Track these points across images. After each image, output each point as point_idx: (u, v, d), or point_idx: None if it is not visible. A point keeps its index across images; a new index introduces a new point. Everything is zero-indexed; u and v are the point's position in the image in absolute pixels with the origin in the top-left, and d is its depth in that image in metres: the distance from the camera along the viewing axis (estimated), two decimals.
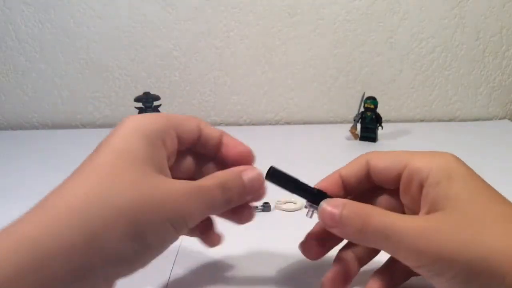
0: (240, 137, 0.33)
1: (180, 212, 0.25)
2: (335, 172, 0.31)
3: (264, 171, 0.30)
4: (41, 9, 0.71)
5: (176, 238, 0.26)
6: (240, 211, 0.30)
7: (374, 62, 0.75)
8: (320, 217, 0.28)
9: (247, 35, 0.73)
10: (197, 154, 0.32)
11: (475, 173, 0.27)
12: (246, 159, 0.31)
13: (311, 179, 0.31)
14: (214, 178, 0.28)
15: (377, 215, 0.26)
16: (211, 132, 0.31)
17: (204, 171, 0.32)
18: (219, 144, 0.32)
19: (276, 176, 0.29)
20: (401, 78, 0.76)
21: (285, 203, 0.45)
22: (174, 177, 0.27)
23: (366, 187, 0.31)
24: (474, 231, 0.23)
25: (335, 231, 0.27)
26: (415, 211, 0.28)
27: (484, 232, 0.23)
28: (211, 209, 0.27)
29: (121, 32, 0.72)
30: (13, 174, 0.57)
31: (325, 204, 0.28)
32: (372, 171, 0.30)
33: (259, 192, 0.30)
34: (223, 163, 0.32)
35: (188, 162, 0.32)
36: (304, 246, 0.31)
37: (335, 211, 0.27)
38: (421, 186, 0.27)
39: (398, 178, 0.29)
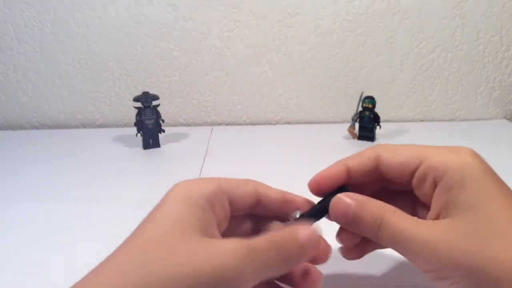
0: (240, 137, 0.33)
1: (225, 275, 0.22)
2: (340, 162, 0.30)
3: (265, 171, 0.30)
4: (41, 9, 0.71)
5: None
6: (305, 279, 0.28)
7: (374, 62, 0.75)
8: (331, 212, 0.28)
9: (247, 35, 0.73)
10: (259, 217, 0.31)
11: (491, 172, 0.26)
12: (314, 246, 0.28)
13: (310, 178, 0.31)
14: (267, 237, 0.25)
15: (391, 218, 0.26)
16: (271, 194, 0.30)
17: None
18: (281, 205, 0.30)
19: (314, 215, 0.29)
20: (401, 78, 0.76)
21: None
22: None
23: (370, 182, 0.30)
24: (478, 241, 0.23)
25: (349, 227, 0.28)
26: (426, 205, 0.28)
27: (487, 243, 0.23)
28: (266, 271, 0.24)
29: (121, 32, 0.72)
30: (13, 174, 0.57)
31: (335, 200, 0.28)
32: (384, 166, 0.29)
33: (317, 250, 0.27)
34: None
35: (246, 226, 0.31)
36: (343, 249, 0.31)
37: (348, 208, 0.27)
38: (434, 185, 0.27)
39: (412, 175, 0.28)
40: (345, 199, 0.28)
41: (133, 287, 0.21)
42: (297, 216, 0.29)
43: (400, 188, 0.30)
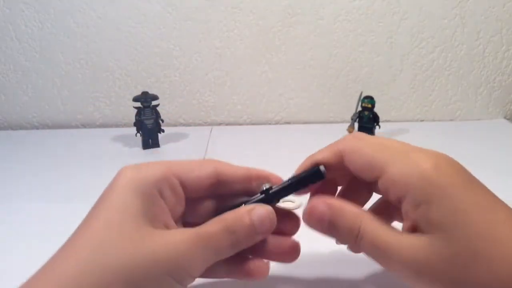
0: (240, 137, 0.33)
1: (179, 263, 0.24)
2: (309, 158, 0.30)
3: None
4: (41, 9, 0.71)
5: (192, 278, 0.25)
6: (253, 264, 0.28)
7: (374, 62, 0.75)
8: (305, 220, 0.28)
9: (247, 35, 0.73)
10: (224, 195, 0.30)
11: (459, 182, 0.24)
12: (267, 229, 0.29)
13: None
14: (219, 221, 0.26)
15: (368, 228, 0.25)
16: (233, 173, 0.29)
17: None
18: (246, 182, 0.30)
19: (274, 195, 0.29)
20: (401, 78, 0.76)
21: (284, 201, 0.45)
22: (192, 225, 0.27)
23: (342, 174, 0.29)
24: (459, 265, 0.22)
25: (326, 234, 0.27)
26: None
27: (469, 265, 0.22)
28: (216, 256, 0.26)
29: (121, 32, 0.72)
30: (13, 174, 0.57)
31: (310, 208, 0.27)
32: (348, 166, 0.28)
33: (270, 229, 0.27)
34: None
35: (208, 206, 0.30)
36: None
37: (322, 217, 0.27)
38: (399, 200, 0.25)
39: (374, 182, 0.27)
40: (319, 207, 0.27)
41: (89, 278, 0.22)
42: (264, 188, 0.29)
43: None
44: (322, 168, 0.28)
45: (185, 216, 0.29)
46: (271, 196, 0.29)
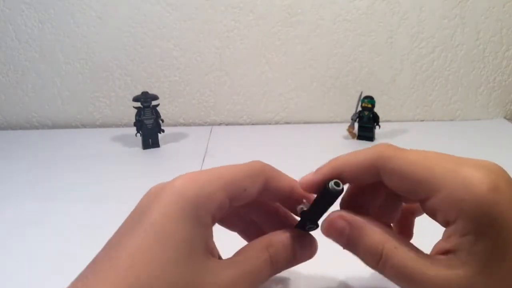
0: (240, 137, 0.33)
1: None
2: (334, 163, 0.27)
3: None
4: (41, 9, 0.71)
5: None
6: None
7: (374, 62, 0.75)
8: (325, 234, 0.27)
9: (247, 35, 0.73)
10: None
11: None
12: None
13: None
14: (263, 253, 0.26)
15: (391, 254, 0.23)
16: (279, 186, 0.28)
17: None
18: (287, 196, 0.28)
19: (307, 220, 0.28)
20: (401, 78, 0.76)
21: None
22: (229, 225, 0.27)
23: (368, 180, 0.26)
24: None
25: (345, 248, 0.26)
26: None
27: None
28: (258, 285, 0.26)
29: (121, 32, 0.72)
30: (13, 174, 0.57)
31: (328, 222, 0.26)
32: (386, 183, 0.25)
33: (310, 253, 0.28)
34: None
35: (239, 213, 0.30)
36: None
37: (342, 232, 0.26)
38: (446, 223, 0.23)
39: (420, 201, 0.24)
40: (338, 222, 0.26)
41: None
42: (299, 212, 0.28)
43: None
44: (331, 185, 0.25)
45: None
46: (306, 221, 0.28)
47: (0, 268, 0.37)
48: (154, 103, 0.64)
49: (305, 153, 0.62)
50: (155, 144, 0.66)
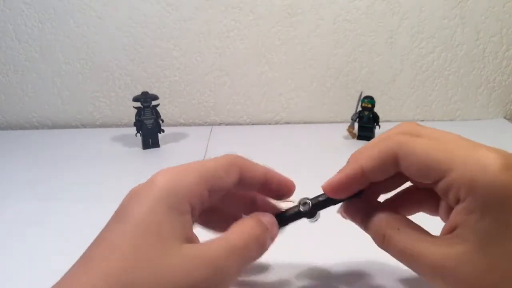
0: (240, 137, 0.33)
1: (218, 279, 0.23)
2: (355, 163, 0.27)
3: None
4: (41, 9, 0.71)
5: None
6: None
7: (374, 62, 0.75)
8: (345, 213, 0.29)
9: (247, 35, 0.73)
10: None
11: None
12: (288, 190, 0.31)
13: (309, 178, 0.31)
14: (249, 232, 0.26)
15: (392, 236, 0.26)
16: (253, 175, 0.29)
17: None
18: (266, 185, 0.30)
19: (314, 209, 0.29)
20: (401, 78, 0.76)
21: (284, 202, 0.45)
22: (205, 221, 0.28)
23: (391, 177, 0.27)
24: (492, 280, 0.22)
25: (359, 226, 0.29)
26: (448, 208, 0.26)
27: (503, 283, 0.22)
28: (247, 263, 0.26)
29: (121, 32, 0.72)
30: (13, 174, 0.57)
31: (346, 205, 0.29)
32: (403, 169, 0.26)
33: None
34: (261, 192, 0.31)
35: (221, 206, 0.31)
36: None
37: (356, 215, 0.28)
38: (456, 201, 0.24)
39: (433, 183, 0.25)
40: (353, 205, 0.29)
41: None
42: (301, 202, 0.29)
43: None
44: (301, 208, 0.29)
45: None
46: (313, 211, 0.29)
47: (0, 268, 0.37)
48: (154, 103, 0.64)
49: (305, 153, 0.62)
50: (155, 144, 0.66)
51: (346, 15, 0.72)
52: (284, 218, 0.30)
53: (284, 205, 0.45)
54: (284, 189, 0.30)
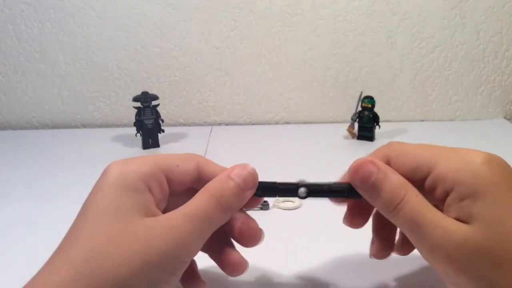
0: (240, 137, 0.33)
1: (180, 245, 0.25)
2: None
3: (265, 171, 0.30)
4: (41, 9, 0.71)
5: (187, 263, 0.26)
6: (232, 257, 0.29)
7: (374, 62, 0.75)
8: (351, 174, 0.27)
9: (247, 35, 0.73)
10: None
11: (507, 180, 0.25)
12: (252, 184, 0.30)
13: (309, 178, 0.31)
14: (203, 193, 0.27)
15: (412, 200, 0.25)
16: (213, 171, 0.29)
17: None
18: None
19: (311, 192, 0.29)
20: (401, 78, 0.76)
21: (284, 201, 0.45)
22: None
23: None
24: (492, 258, 0.23)
25: (365, 194, 0.27)
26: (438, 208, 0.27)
27: (503, 259, 0.23)
28: (211, 226, 0.27)
29: (121, 32, 0.72)
30: (13, 174, 0.57)
31: (358, 164, 0.27)
32: (395, 169, 0.28)
33: (254, 188, 0.28)
34: None
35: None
36: (347, 217, 0.31)
37: (369, 175, 0.27)
38: (446, 194, 0.26)
39: (422, 181, 0.27)
40: (368, 166, 0.27)
41: (84, 282, 0.22)
42: (302, 186, 0.29)
43: None
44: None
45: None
46: (310, 193, 0.29)
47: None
48: (154, 103, 0.64)
49: (305, 153, 0.62)
50: (155, 144, 0.66)
51: (346, 15, 0.72)
52: (276, 190, 0.29)
53: (283, 205, 0.45)
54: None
